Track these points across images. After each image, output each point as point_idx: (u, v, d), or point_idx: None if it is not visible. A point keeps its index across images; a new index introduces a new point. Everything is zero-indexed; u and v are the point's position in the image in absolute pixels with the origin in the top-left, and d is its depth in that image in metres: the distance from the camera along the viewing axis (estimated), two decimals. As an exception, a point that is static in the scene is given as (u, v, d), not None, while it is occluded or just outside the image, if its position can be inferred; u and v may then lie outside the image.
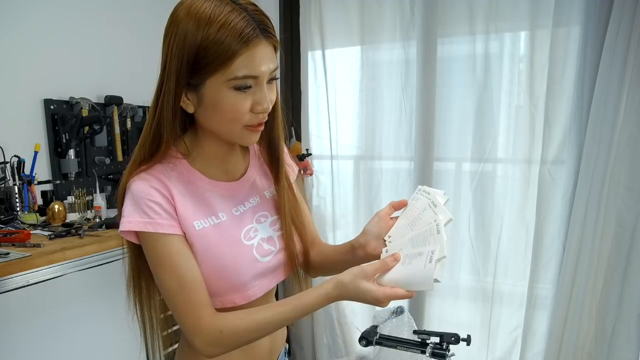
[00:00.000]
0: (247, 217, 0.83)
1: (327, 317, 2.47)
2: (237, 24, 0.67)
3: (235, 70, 0.68)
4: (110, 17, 2.21)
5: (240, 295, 0.80)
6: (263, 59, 0.70)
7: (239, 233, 0.81)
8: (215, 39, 0.66)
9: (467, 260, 2.17)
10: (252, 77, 0.70)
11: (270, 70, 0.72)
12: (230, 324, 0.74)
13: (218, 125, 0.75)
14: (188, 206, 0.76)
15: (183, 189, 0.77)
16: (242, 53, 0.67)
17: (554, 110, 1.89)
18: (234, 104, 0.71)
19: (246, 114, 0.73)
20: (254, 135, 0.77)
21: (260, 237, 0.83)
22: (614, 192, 1.78)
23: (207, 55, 0.67)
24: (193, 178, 0.79)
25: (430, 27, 2.09)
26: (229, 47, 0.67)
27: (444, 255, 0.71)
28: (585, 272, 1.84)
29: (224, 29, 0.66)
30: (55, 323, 1.53)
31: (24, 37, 1.87)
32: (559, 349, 1.94)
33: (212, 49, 0.67)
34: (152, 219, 0.72)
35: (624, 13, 1.65)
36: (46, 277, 1.45)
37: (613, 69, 1.70)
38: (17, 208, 1.75)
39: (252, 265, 0.80)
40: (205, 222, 0.78)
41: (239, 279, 0.79)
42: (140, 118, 2.36)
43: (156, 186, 0.74)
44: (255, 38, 0.68)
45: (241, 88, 0.70)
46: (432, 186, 0.90)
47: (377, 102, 2.28)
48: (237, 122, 0.73)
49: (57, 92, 1.99)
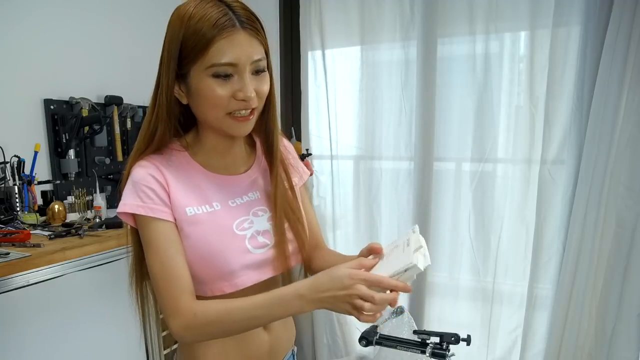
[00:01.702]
0: (243, 209, 0.85)
1: (327, 317, 2.47)
2: (213, 15, 0.72)
3: (212, 57, 0.73)
4: (110, 17, 2.21)
5: (227, 283, 0.80)
6: (240, 46, 0.73)
7: (231, 223, 0.83)
8: (194, 29, 0.72)
9: (467, 260, 2.17)
10: (230, 65, 0.74)
11: (252, 60, 0.75)
12: (203, 308, 0.74)
13: (205, 113, 0.79)
14: (182, 193, 0.80)
15: (180, 177, 0.81)
16: (217, 40, 0.72)
17: (554, 110, 1.89)
18: (213, 90, 0.74)
19: (227, 101, 0.75)
20: (242, 125, 0.79)
21: (255, 230, 0.84)
22: (614, 192, 1.78)
23: (187, 46, 0.74)
24: (192, 169, 0.83)
25: (430, 27, 2.09)
26: (205, 35, 0.72)
27: (420, 245, 0.70)
28: (585, 272, 1.84)
29: (202, 21, 0.72)
30: (55, 323, 1.53)
31: (24, 37, 1.87)
32: (559, 349, 1.94)
33: (191, 39, 0.73)
34: (144, 203, 0.77)
35: (624, 13, 1.65)
36: (46, 277, 1.45)
37: (613, 69, 1.70)
38: (17, 208, 1.75)
39: (242, 255, 0.81)
40: (198, 210, 0.80)
41: (226, 267, 0.80)
42: (140, 118, 2.36)
43: (153, 173, 0.79)
44: (230, 27, 0.72)
45: (220, 75, 0.74)
46: (432, 186, 0.90)
47: (377, 102, 2.28)
48: (219, 109, 0.76)
49: (57, 92, 1.99)
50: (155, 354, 1.89)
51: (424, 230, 2.24)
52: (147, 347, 1.86)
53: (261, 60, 0.77)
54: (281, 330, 0.94)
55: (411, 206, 2.26)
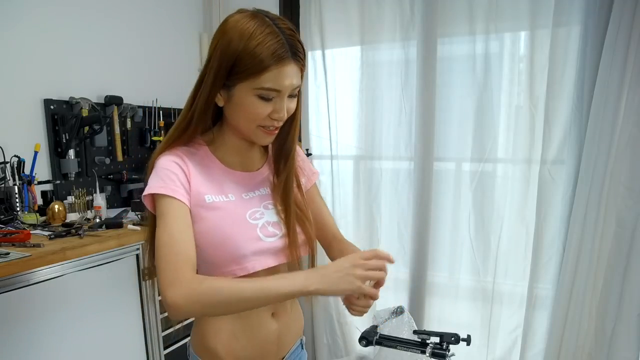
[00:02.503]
0: (255, 201, 0.93)
1: (327, 317, 2.47)
2: (272, 44, 0.79)
3: (263, 82, 0.80)
4: (111, 18, 2.21)
5: (238, 266, 0.86)
6: (288, 77, 0.81)
7: (244, 212, 0.90)
8: (252, 52, 0.78)
9: (467, 260, 2.17)
10: (276, 90, 0.82)
11: (293, 87, 0.84)
12: (209, 278, 0.80)
13: (238, 121, 0.87)
14: (202, 182, 0.87)
15: (200, 168, 0.89)
16: (272, 69, 0.79)
17: (554, 110, 1.89)
18: (256, 108, 0.83)
19: (263, 117, 0.84)
20: (268, 136, 0.89)
21: (266, 220, 0.92)
22: (614, 192, 1.78)
23: (242, 64, 0.80)
24: (211, 163, 0.91)
25: (430, 27, 2.09)
26: (262, 62, 0.78)
27: None
28: (585, 272, 1.84)
29: (261, 46, 0.78)
30: (55, 323, 1.53)
31: (24, 37, 1.87)
32: (559, 349, 1.94)
33: (247, 59, 0.79)
34: (166, 184, 0.83)
35: (624, 13, 1.65)
36: (46, 277, 1.45)
37: (613, 69, 1.70)
38: (17, 208, 1.75)
39: (253, 241, 0.88)
40: (216, 198, 0.88)
41: (238, 251, 0.86)
42: (140, 118, 2.36)
43: (177, 161, 0.86)
44: (285, 59, 0.80)
45: (264, 97, 0.82)
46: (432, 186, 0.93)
47: (377, 102, 2.28)
48: (254, 122, 0.85)
49: (57, 92, 1.99)
50: (155, 354, 1.88)
51: (424, 230, 2.25)
52: (147, 347, 1.86)
53: (299, 86, 0.87)
54: (290, 319, 0.99)
55: (411, 206, 2.26)
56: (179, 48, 2.61)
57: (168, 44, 2.53)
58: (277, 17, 0.83)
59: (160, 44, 2.48)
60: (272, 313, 0.94)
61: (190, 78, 2.62)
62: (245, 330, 0.91)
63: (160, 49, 2.48)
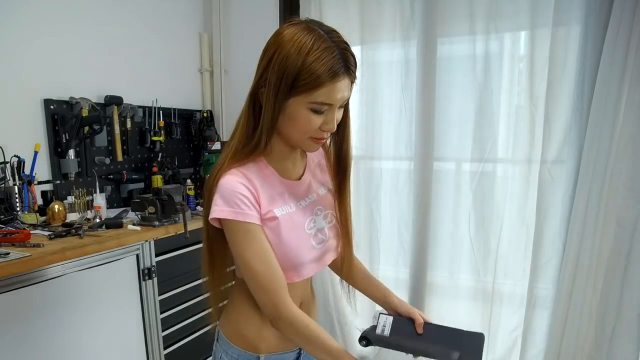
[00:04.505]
0: (309, 209, 0.98)
1: (327, 317, 2.47)
2: (329, 60, 0.81)
3: (317, 96, 0.83)
4: (111, 18, 2.21)
5: (296, 274, 0.93)
6: (340, 91, 0.84)
7: (304, 222, 0.95)
8: (309, 68, 0.80)
9: (467, 260, 2.17)
10: (328, 104, 0.85)
11: (344, 99, 0.87)
12: (297, 321, 0.88)
13: (290, 132, 0.89)
14: (269, 196, 0.91)
15: (263, 182, 0.91)
16: (327, 85, 0.82)
17: (554, 110, 1.89)
18: (308, 121, 0.85)
19: (315, 129, 0.87)
20: (316, 145, 0.91)
21: (317, 228, 0.97)
22: (614, 192, 1.78)
23: (299, 79, 0.81)
24: (271, 174, 0.94)
25: (430, 27, 2.09)
26: (319, 77, 0.81)
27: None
28: (585, 272, 1.84)
29: (318, 62, 0.81)
30: (54, 323, 1.53)
31: (24, 37, 1.87)
32: (559, 349, 1.94)
33: (304, 75, 0.81)
34: (242, 210, 0.85)
35: (624, 12, 1.65)
36: (46, 277, 1.45)
37: (613, 69, 1.70)
38: (17, 208, 1.76)
39: (310, 250, 0.95)
40: (283, 210, 0.92)
41: (298, 259, 0.92)
42: (140, 118, 2.36)
43: (244, 182, 0.87)
44: (340, 74, 0.82)
45: (317, 111, 0.85)
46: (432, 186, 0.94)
47: (377, 102, 2.28)
48: (306, 134, 0.88)
49: (57, 92, 1.99)
50: (155, 354, 1.88)
51: (424, 230, 2.24)
52: (147, 347, 1.86)
53: (349, 97, 0.89)
54: (311, 309, 1.06)
55: (411, 206, 2.26)
56: (179, 48, 2.61)
57: (168, 44, 2.53)
58: (330, 30, 0.85)
59: (160, 44, 2.48)
60: (300, 303, 0.99)
61: (190, 78, 2.65)
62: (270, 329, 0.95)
63: (160, 49, 2.48)
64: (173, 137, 2.55)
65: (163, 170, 2.40)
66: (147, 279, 1.82)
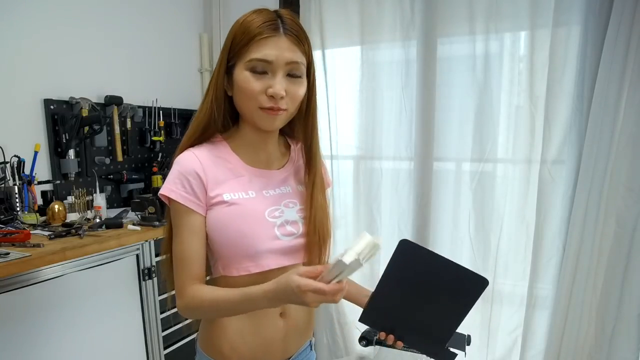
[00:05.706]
0: (275, 199, 0.93)
1: (327, 317, 2.47)
2: (263, 18, 0.82)
3: (251, 52, 0.82)
4: (111, 17, 2.21)
5: (253, 264, 0.88)
6: (277, 48, 0.82)
7: (263, 210, 0.90)
8: (243, 28, 0.83)
9: (467, 260, 2.17)
10: (265, 61, 0.82)
11: (286, 60, 0.83)
12: (200, 294, 0.86)
13: (242, 105, 0.87)
14: (221, 180, 0.89)
15: (220, 166, 0.90)
16: (258, 39, 0.81)
17: (554, 110, 1.89)
18: (248, 82, 0.83)
19: (259, 94, 0.83)
20: (270, 118, 0.86)
21: (285, 219, 0.92)
22: (614, 192, 1.78)
23: (235, 42, 0.84)
24: (232, 159, 0.92)
25: (430, 27, 2.09)
26: (250, 32, 0.82)
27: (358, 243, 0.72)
28: (585, 272, 1.84)
29: (252, 22, 0.82)
30: (55, 323, 1.53)
31: (25, 37, 1.87)
32: (559, 349, 1.94)
33: (239, 36, 0.83)
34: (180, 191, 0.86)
35: (624, 12, 1.65)
36: (46, 277, 1.45)
37: (613, 69, 1.70)
38: (17, 208, 1.76)
39: (269, 240, 0.89)
40: (234, 195, 0.89)
41: (253, 248, 0.87)
42: (140, 118, 2.36)
43: (195, 167, 0.87)
44: (273, 30, 0.82)
45: (255, 70, 0.83)
46: (432, 186, 0.92)
47: (377, 102, 2.28)
48: (252, 101, 0.84)
49: (57, 92, 1.99)
50: (155, 354, 1.88)
51: (424, 230, 2.24)
52: (147, 347, 1.86)
53: (297, 64, 0.85)
54: (299, 320, 0.97)
55: (411, 206, 2.26)
56: (179, 48, 2.61)
57: (168, 44, 2.53)
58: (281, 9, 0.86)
59: (160, 44, 2.48)
60: (281, 313, 0.94)
61: (190, 78, 2.66)
62: (252, 329, 0.92)
63: (160, 49, 2.48)
64: (173, 137, 2.55)
65: (163, 170, 2.40)
66: (147, 279, 1.82)
